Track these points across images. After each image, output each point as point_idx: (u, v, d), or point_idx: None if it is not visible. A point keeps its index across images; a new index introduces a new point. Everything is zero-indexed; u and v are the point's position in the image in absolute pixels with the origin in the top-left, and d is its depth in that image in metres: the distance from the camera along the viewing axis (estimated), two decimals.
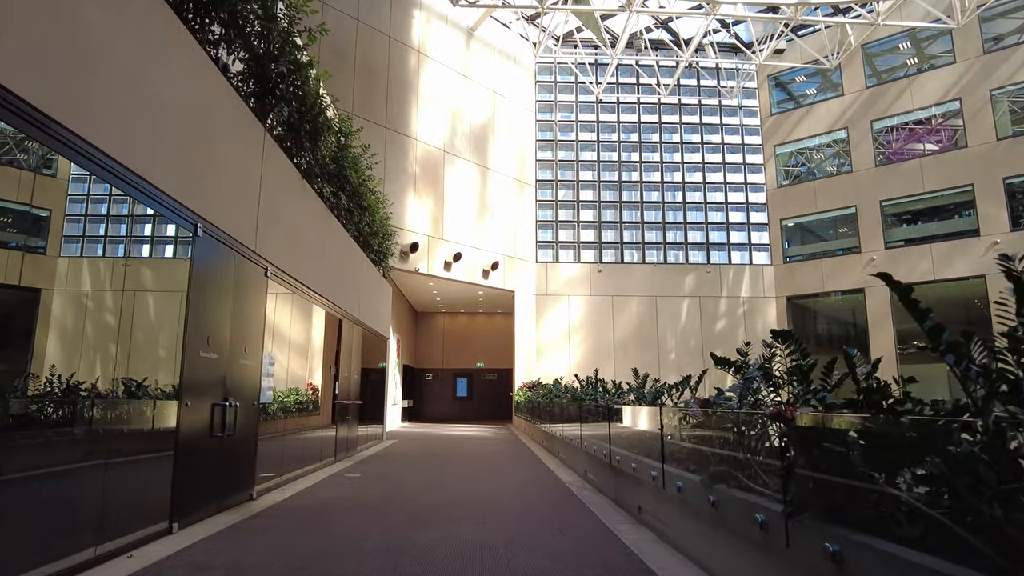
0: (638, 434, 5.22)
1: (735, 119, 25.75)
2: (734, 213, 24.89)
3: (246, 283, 5.89)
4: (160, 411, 4.57)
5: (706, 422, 3.72)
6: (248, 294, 5.95)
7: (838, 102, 23.71)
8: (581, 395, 8.95)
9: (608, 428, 5.96)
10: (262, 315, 6.27)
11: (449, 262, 19.69)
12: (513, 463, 9.73)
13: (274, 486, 6.72)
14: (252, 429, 6.04)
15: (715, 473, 3.33)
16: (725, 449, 3.42)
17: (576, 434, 8.23)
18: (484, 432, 18.37)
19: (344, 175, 9.26)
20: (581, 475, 7.76)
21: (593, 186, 24.72)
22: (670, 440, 4.35)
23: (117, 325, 4.26)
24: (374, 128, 17.51)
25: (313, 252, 7.98)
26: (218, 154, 5.20)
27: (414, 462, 9.75)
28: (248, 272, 5.91)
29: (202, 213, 4.86)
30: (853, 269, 22.27)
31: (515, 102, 23.84)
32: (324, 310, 8.86)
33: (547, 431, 11.99)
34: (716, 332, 23.69)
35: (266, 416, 6.54)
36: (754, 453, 3.13)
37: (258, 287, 6.19)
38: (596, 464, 6.76)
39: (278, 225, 6.72)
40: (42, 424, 3.52)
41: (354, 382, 10.72)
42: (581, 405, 7.96)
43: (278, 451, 7.01)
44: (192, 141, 4.74)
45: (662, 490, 4.27)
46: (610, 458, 5.79)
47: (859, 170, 22.71)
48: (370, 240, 11.74)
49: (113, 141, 3.71)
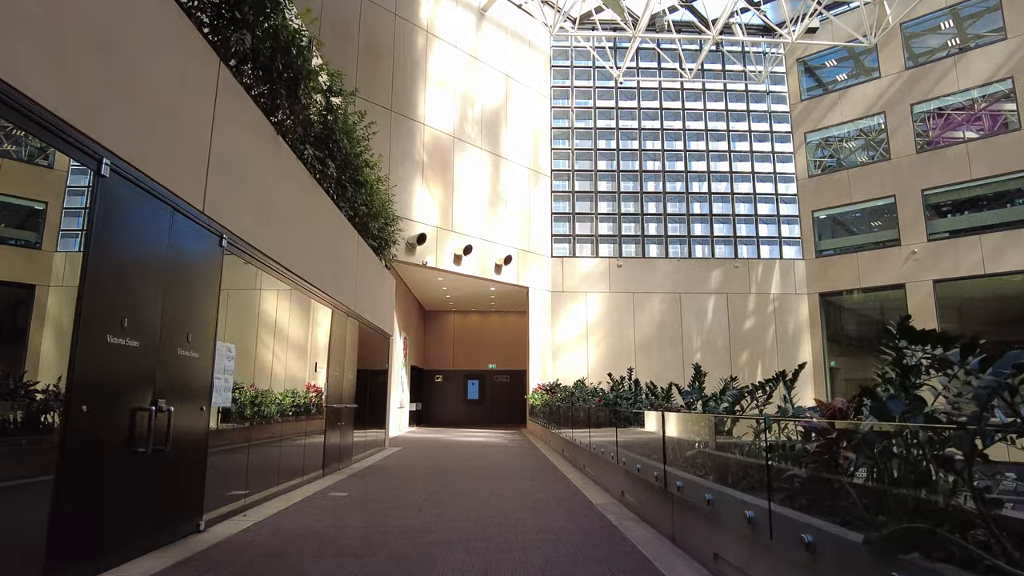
0: (713, 455, 3.81)
1: (763, 105, 24.22)
2: (763, 204, 23.34)
3: (190, 253, 4.55)
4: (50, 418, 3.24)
5: (859, 444, 2.31)
6: (194, 267, 4.62)
7: (874, 85, 22.11)
8: (613, 399, 7.53)
9: (662, 443, 4.55)
10: (215, 295, 4.93)
11: (459, 255, 18.35)
12: (531, 478, 8.33)
13: (236, 510, 5.37)
14: (199, 441, 4.69)
15: (898, 534, 1.93)
16: (915, 491, 2.02)
17: (608, 445, 6.82)
18: (496, 438, 16.97)
19: (333, 140, 7.93)
20: (616, 497, 6.35)
21: (612, 176, 23.28)
22: (775, 467, 2.94)
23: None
24: (378, 111, 16.21)
25: (292, 226, 6.65)
26: (144, 75, 3.87)
27: (415, 477, 8.37)
28: (193, 239, 4.57)
29: (112, 147, 3.53)
30: (892, 263, 20.65)
31: (529, 87, 22.47)
32: (309, 299, 7.52)
33: (568, 439, 10.58)
34: (745, 331, 22.15)
35: (263, 419, 5.22)
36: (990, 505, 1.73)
37: (210, 260, 4.85)
38: (640, 486, 5.35)
39: (241, 187, 5.38)
40: None
41: (348, 382, 9.38)
42: (616, 411, 6.54)
43: (246, 465, 5.67)
44: (98, 47, 3.41)
45: (768, 542, 2.86)
46: (665, 481, 4.38)
47: (898, 157, 21.10)
48: (369, 224, 10.41)
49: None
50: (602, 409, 7.50)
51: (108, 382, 3.58)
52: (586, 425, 8.69)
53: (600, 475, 7.34)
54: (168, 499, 4.28)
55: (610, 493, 6.66)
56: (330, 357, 8.34)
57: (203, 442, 4.73)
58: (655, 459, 4.77)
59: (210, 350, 4.83)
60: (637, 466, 5.19)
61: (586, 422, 8.57)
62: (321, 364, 8.05)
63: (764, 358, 22.02)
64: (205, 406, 4.72)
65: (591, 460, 8.01)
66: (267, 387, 6.33)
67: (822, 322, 22.27)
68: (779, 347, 22.30)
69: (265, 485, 6.15)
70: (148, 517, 4.02)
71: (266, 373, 6.48)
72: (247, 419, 5.73)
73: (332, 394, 8.47)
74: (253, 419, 5.90)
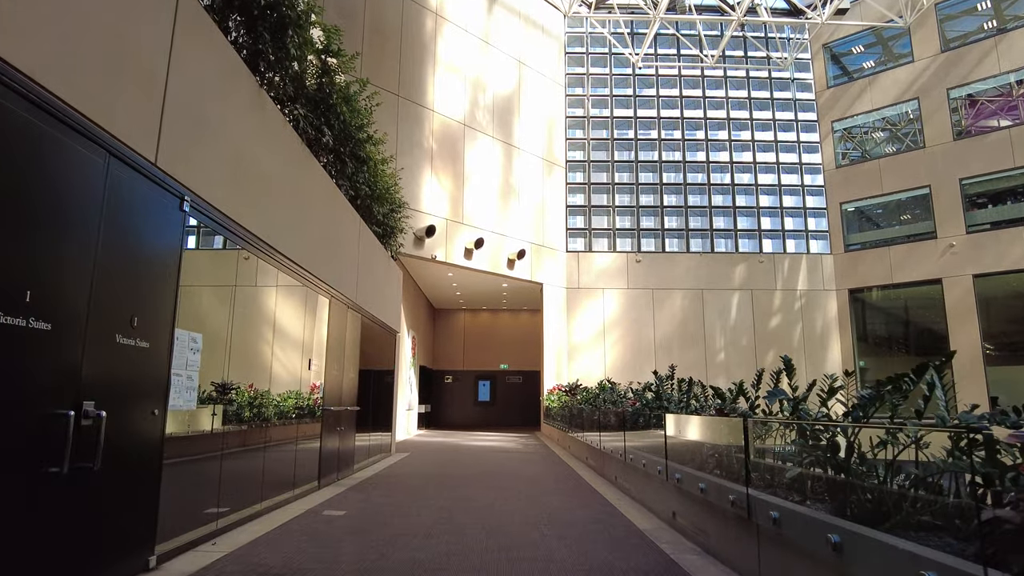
0: (850, 484, 2.77)
1: (787, 93, 23.08)
2: (788, 197, 22.19)
3: (138, 213, 3.57)
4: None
5: None
6: (143, 232, 3.63)
7: (907, 70, 20.92)
8: (656, 401, 6.46)
9: (744, 459, 3.50)
10: (173, 271, 3.94)
11: (470, 249, 17.35)
12: (556, 492, 7.30)
13: (204, 537, 4.38)
14: (149, 453, 3.71)
15: None
16: None
17: (650, 455, 5.79)
18: (510, 443, 15.94)
19: (329, 104, 6.95)
20: (665, 519, 5.31)
21: (630, 167, 22.20)
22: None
23: None
24: (385, 96, 15.23)
25: (278, 198, 5.66)
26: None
27: (423, 489, 7.36)
28: (141, 197, 3.59)
29: (6, 55, 2.56)
30: (927, 257, 19.46)
31: (543, 74, 21.44)
32: (301, 286, 6.54)
33: (592, 445, 9.55)
34: (770, 329, 21.00)
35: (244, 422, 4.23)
36: None
37: (166, 226, 3.87)
38: (703, 510, 4.32)
39: (212, 143, 4.41)
40: None
41: (350, 382, 8.39)
42: (661, 416, 5.49)
43: (219, 480, 4.69)
44: None
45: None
46: (748, 508, 3.35)
47: (933, 145, 19.90)
48: (373, 208, 9.42)
49: None
50: (640, 413, 6.46)
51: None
52: (616, 429, 7.65)
53: (640, 490, 6.30)
54: (98, 531, 3.29)
55: (656, 514, 5.62)
56: (328, 354, 7.35)
57: (154, 455, 3.74)
58: (731, 479, 3.74)
59: (166, 339, 3.85)
60: (701, 485, 4.15)
61: (617, 427, 7.53)
62: (317, 361, 7.07)
63: (791, 358, 20.81)
64: (158, 409, 3.74)
65: (625, 471, 6.98)
66: (247, 386, 5.34)
67: (852, 320, 21.10)
68: (806, 346, 21.14)
69: (245, 503, 5.16)
70: (63, 559, 3.02)
71: (252, 371, 5.50)
72: (245, 421, 4.75)
73: (330, 395, 7.48)
74: (251, 421, 4.91)
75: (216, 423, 4.69)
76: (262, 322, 5.83)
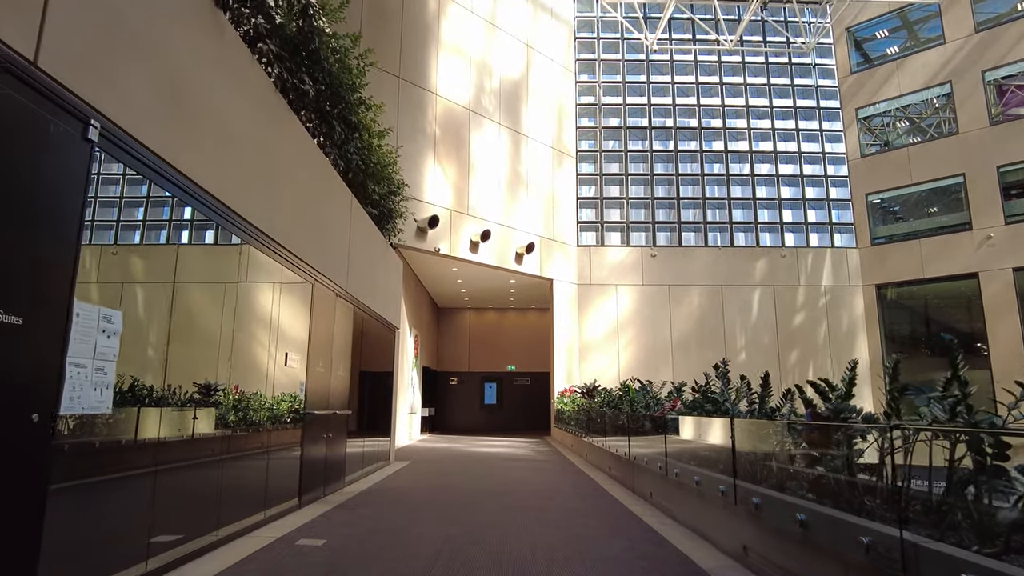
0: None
1: (809, 80, 21.90)
2: (811, 188, 20.97)
3: (7, 133, 2.47)
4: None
5: None
6: (17, 163, 2.54)
7: (938, 52, 19.71)
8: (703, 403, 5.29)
9: (900, 494, 2.36)
10: (73, 221, 2.84)
11: (476, 242, 16.24)
12: (581, 511, 6.16)
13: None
14: (24, 476, 2.60)
15: None
16: None
17: (702, 470, 4.66)
18: (520, 449, 14.79)
19: (312, 52, 5.85)
20: (733, 553, 4.15)
21: (643, 157, 21.04)
22: None
23: None
24: (385, 78, 14.19)
25: (238, 149, 4.55)
26: None
27: (422, 509, 6.22)
28: (13, 113, 2.49)
29: None
30: (962, 250, 18.23)
31: (552, 59, 20.33)
32: (277, 265, 5.43)
33: (617, 454, 8.41)
34: (794, 327, 19.77)
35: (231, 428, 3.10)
36: None
37: (60, 157, 2.77)
38: (807, 552, 3.18)
39: (136, 57, 3.30)
40: None
41: (339, 382, 7.27)
42: (731, 423, 4.34)
43: (158, 502, 3.57)
44: None
45: None
46: (906, 563, 2.22)
47: (967, 131, 18.68)
48: (368, 185, 8.32)
49: None
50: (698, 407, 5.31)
51: None
52: (651, 435, 6.52)
53: (691, 514, 5.15)
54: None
55: (714, 544, 4.47)
56: (310, 348, 6.24)
57: (32, 478, 2.63)
58: (863, 513, 2.61)
59: (57, 315, 2.74)
60: (799, 516, 3.02)
61: (653, 432, 6.39)
62: (297, 356, 5.96)
63: (816, 357, 19.64)
64: (38, 414, 2.63)
65: (666, 488, 5.84)
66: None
67: (880, 317, 19.87)
68: (832, 345, 19.91)
69: (194, 532, 4.04)
70: None
71: (207, 365, 4.40)
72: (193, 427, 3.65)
73: (315, 396, 6.37)
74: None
75: (151, 430, 3.58)
76: (220, 303, 4.72)
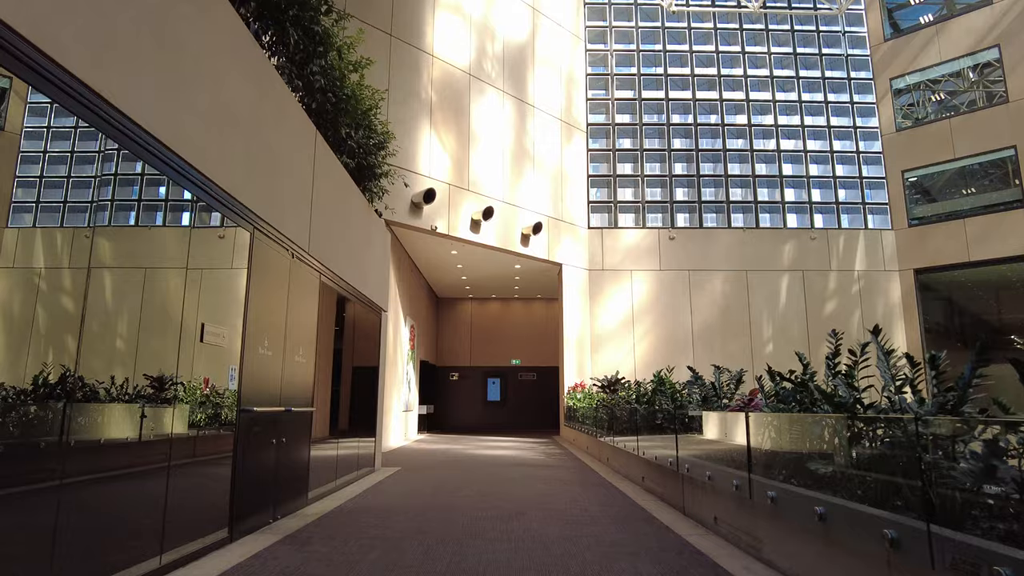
0: None
1: (838, 49, 20.13)
2: (841, 165, 19.22)
3: None
4: None
5: None
6: None
7: (983, 14, 17.93)
8: (847, 397, 3.59)
9: None
10: None
11: (477, 220, 14.55)
12: (621, 545, 4.46)
13: None
14: None
15: None
16: None
17: (865, 509, 2.98)
18: (528, 451, 13.10)
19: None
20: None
21: (660, 132, 19.28)
22: None
23: None
24: (374, 33, 12.51)
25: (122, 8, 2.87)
26: None
27: (403, 543, 4.51)
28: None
29: None
30: (1013, 229, 16.50)
31: (561, 25, 18.61)
32: (189, 195, 3.75)
33: (655, 461, 6.74)
34: (825, 316, 18.03)
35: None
36: None
37: None
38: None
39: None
40: None
41: (298, 369, 5.58)
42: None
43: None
44: None
45: None
46: None
47: (1018, 99, 16.93)
48: (339, 123, 6.62)
49: None
50: (832, 428, 3.64)
51: None
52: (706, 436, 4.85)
53: (798, 558, 3.48)
54: None
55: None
56: (248, 320, 4.56)
57: None
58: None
59: None
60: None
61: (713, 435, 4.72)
62: (222, 331, 4.28)
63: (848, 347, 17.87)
64: None
65: (754, 519, 4.17)
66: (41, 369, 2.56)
67: (918, 304, 18.11)
68: (866, 336, 18.11)
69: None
70: None
71: (56, 336, 2.73)
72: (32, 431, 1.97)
73: (255, 387, 4.69)
74: (47, 430, 2.13)
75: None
76: (84, 244, 3.03)
